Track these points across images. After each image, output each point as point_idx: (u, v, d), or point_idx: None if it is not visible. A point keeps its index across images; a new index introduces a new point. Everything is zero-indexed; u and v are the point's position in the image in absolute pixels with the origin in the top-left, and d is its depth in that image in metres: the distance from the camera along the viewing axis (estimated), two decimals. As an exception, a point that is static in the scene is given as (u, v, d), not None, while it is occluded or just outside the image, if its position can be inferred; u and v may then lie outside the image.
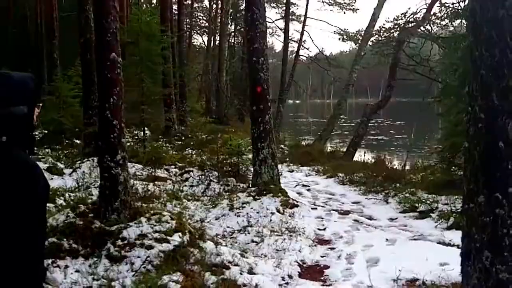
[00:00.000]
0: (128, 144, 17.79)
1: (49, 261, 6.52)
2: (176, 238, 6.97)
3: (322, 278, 7.17)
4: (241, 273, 6.69)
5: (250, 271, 6.87)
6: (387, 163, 19.18)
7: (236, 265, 6.94)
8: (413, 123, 31.36)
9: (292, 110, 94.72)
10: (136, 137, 17.68)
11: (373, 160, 20.30)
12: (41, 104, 2.80)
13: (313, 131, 40.82)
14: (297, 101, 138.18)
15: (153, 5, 43.51)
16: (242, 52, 44.86)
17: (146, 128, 20.09)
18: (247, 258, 7.33)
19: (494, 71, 3.16)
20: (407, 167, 19.38)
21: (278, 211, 9.81)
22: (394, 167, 18.76)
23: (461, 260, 3.55)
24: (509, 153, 3.17)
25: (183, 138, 23.17)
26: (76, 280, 6.25)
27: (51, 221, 7.25)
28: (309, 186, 14.62)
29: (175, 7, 33.25)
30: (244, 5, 15.73)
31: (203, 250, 7.02)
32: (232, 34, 50.91)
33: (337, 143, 32.56)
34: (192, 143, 21.38)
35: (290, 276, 7.02)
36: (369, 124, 22.32)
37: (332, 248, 8.42)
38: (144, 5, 42.17)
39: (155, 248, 6.75)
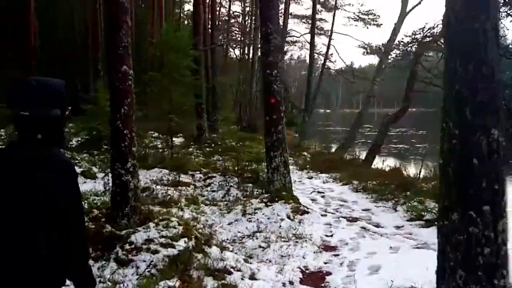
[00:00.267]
0: (157, 150, 17.81)
1: None
2: (181, 244, 6.77)
3: (323, 284, 6.86)
4: (242, 279, 6.45)
5: (252, 277, 6.62)
6: (402, 171, 18.68)
7: (239, 270, 6.70)
8: (434, 132, 30.49)
9: (322, 119, 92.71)
10: (165, 144, 17.47)
11: (389, 168, 19.83)
12: (70, 108, 2.92)
13: (339, 138, 40.12)
14: (328, 111, 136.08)
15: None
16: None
17: (176, 135, 20.22)
18: (251, 263, 7.09)
19: (469, 85, 2.85)
20: (421, 176, 18.87)
21: (288, 217, 9.51)
22: (409, 175, 18.26)
23: (436, 278, 3.24)
24: (484, 170, 2.86)
25: (212, 145, 23.03)
26: None
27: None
28: (324, 193, 14.13)
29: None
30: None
31: (207, 255, 6.80)
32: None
33: (360, 151, 31.50)
34: (220, 149, 21.15)
35: (291, 283, 6.73)
36: (392, 133, 21.92)
37: (336, 255, 8.06)
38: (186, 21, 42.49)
39: (160, 252, 6.56)
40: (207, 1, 31.53)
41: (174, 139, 18.85)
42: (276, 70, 10.81)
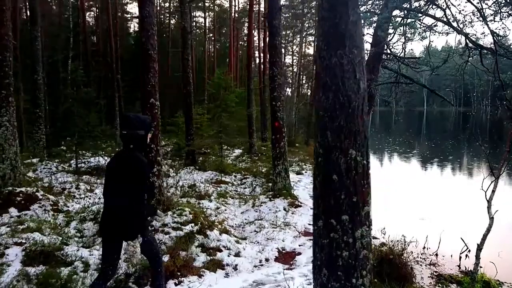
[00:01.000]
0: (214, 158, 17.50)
1: (100, 238, 6.06)
2: (188, 228, 6.35)
3: (291, 262, 6.31)
4: (228, 256, 6.00)
5: (237, 254, 6.16)
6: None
7: (228, 249, 6.24)
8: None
9: None
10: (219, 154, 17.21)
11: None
12: (152, 131, 4.22)
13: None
14: None
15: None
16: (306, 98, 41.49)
17: (233, 148, 20.21)
18: (240, 244, 6.59)
19: (329, 112, 2.34)
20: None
21: (284, 209, 8.97)
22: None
23: (312, 273, 2.67)
24: (342, 185, 2.33)
25: (259, 154, 22.57)
26: None
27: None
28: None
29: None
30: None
31: (207, 237, 6.34)
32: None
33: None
34: (263, 158, 20.69)
35: (267, 260, 6.25)
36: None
37: (311, 239, 7.38)
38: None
39: (171, 234, 6.22)
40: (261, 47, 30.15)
41: (235, 151, 19.76)
42: (279, 102, 10.35)
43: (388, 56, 9.06)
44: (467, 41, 7.75)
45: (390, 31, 8.72)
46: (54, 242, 5.56)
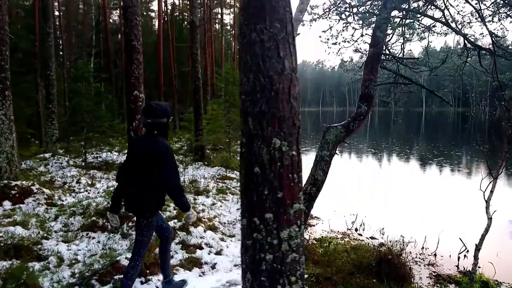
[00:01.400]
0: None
1: (84, 233, 5.84)
2: (171, 224, 6.04)
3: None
4: (209, 253, 5.66)
5: (219, 252, 5.79)
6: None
7: (211, 246, 5.91)
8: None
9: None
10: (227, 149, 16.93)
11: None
12: (172, 118, 4.01)
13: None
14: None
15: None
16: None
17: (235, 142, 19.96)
18: (224, 241, 6.25)
19: (250, 96, 1.98)
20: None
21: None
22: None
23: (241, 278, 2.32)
24: (265, 179, 1.97)
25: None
26: (91, 248, 5.53)
27: (98, 206, 6.61)
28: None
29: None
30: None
31: (189, 233, 6.02)
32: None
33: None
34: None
35: (249, 258, 5.83)
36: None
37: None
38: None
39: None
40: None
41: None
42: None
43: (387, 56, 8.72)
44: (466, 41, 7.50)
45: (389, 31, 8.52)
46: (34, 236, 5.35)
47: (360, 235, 8.80)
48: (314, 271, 5.49)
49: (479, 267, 6.50)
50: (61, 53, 28.13)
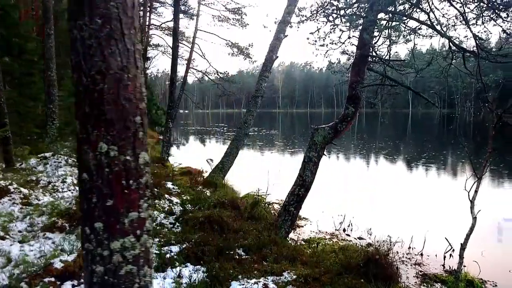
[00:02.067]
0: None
1: (42, 233, 5.70)
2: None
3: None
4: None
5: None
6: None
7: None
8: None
9: (183, 119, 76.98)
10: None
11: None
12: None
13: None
14: (186, 111, 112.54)
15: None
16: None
17: None
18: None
19: (76, 97, 1.66)
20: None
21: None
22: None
23: None
24: (93, 186, 1.63)
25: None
26: (43, 249, 5.15)
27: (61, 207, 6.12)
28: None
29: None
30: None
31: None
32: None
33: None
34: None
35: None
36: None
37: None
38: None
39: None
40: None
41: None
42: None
43: (374, 58, 8.18)
44: (451, 44, 7.21)
45: (376, 34, 8.12)
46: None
47: (348, 235, 8.28)
48: (303, 272, 5.11)
49: (464, 266, 6.25)
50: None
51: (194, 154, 21.11)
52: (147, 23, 23.99)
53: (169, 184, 9.81)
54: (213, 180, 10.87)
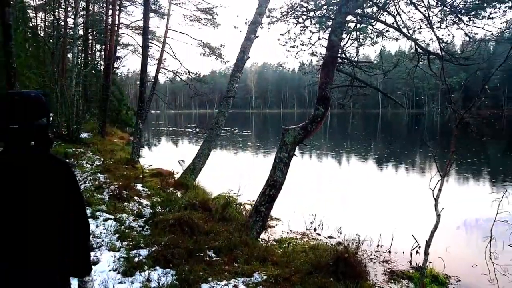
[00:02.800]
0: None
1: None
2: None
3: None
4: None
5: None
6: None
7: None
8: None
9: (154, 119, 75.84)
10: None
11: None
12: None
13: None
14: (158, 111, 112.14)
15: None
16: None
17: None
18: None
19: None
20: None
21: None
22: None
23: None
24: None
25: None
26: None
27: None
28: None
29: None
30: None
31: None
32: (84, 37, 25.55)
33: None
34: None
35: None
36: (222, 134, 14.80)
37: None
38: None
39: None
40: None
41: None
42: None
43: (343, 60, 8.27)
44: (416, 46, 7.37)
45: (344, 35, 8.17)
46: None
47: (319, 234, 8.37)
48: (273, 272, 5.12)
49: (430, 262, 6.32)
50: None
51: (166, 155, 20.81)
52: (116, 22, 23.36)
53: (139, 186, 9.65)
54: (185, 181, 10.76)
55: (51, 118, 2.07)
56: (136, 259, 5.19)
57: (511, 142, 30.55)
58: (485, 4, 6.61)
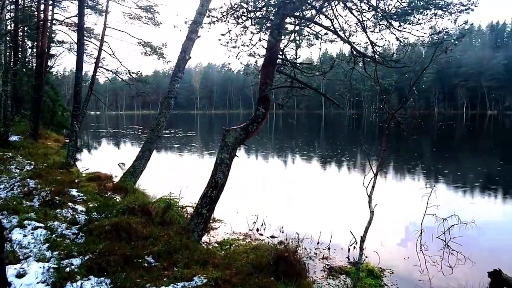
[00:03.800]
0: None
1: None
2: None
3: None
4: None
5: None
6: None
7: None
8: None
9: (93, 121, 73.82)
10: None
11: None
12: None
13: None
14: (98, 112, 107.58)
15: None
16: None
17: None
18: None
19: None
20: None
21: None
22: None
23: None
24: None
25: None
26: None
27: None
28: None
29: None
30: None
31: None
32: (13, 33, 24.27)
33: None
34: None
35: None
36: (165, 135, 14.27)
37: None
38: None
39: None
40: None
41: None
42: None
43: (283, 61, 8.35)
44: (352, 49, 7.55)
45: (284, 37, 8.24)
46: None
47: (261, 234, 8.45)
48: (213, 275, 5.01)
49: (366, 257, 6.66)
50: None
51: (105, 158, 19.98)
52: (49, 17, 22.01)
53: (74, 191, 9.14)
54: (124, 185, 10.37)
55: None
56: (68, 269, 4.89)
57: (437, 140, 32.92)
58: (413, 11, 7.01)
